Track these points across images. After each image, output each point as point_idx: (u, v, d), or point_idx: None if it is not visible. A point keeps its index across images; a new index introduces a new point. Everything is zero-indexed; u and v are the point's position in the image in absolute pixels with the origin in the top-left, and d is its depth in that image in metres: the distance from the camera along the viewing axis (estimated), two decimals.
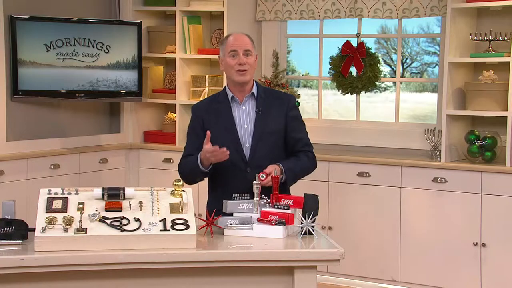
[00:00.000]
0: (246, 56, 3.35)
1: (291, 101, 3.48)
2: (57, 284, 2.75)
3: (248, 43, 3.38)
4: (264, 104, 3.41)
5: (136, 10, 5.75)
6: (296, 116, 3.48)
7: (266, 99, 3.43)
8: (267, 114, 3.40)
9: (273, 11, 5.66)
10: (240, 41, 3.37)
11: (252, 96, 3.42)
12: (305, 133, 3.50)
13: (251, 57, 3.37)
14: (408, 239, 4.93)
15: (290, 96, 3.53)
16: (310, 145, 3.50)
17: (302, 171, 3.44)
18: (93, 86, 5.36)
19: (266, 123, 3.39)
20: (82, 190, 2.91)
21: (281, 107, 3.43)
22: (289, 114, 3.44)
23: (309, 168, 3.48)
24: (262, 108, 3.40)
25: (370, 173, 5.03)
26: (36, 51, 5.10)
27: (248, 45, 3.37)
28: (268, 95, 3.46)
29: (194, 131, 3.46)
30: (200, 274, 2.82)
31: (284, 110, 3.43)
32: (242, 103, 3.42)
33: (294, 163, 3.39)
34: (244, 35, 3.41)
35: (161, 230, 2.78)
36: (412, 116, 5.66)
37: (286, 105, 3.44)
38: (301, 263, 2.83)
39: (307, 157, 3.46)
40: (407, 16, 5.24)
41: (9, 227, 2.80)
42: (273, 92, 3.58)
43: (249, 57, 3.36)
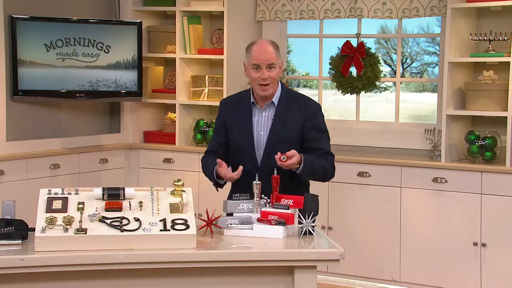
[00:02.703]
0: (269, 70, 3.29)
1: (311, 110, 3.39)
2: (57, 284, 2.75)
3: (271, 56, 3.28)
4: (284, 112, 3.36)
5: (136, 10, 5.75)
6: (315, 125, 3.37)
7: (287, 106, 3.36)
8: (284, 122, 3.34)
9: (273, 11, 5.66)
10: (263, 54, 3.28)
11: (273, 103, 3.38)
12: (325, 143, 3.40)
13: (274, 69, 3.30)
14: (408, 239, 4.93)
15: (311, 105, 3.42)
16: (330, 154, 3.40)
17: (321, 169, 3.33)
18: (93, 86, 5.36)
19: (281, 131, 3.34)
20: (82, 190, 2.91)
21: (300, 116, 3.35)
22: (307, 124, 3.35)
23: (328, 169, 3.36)
24: (281, 116, 3.35)
25: (370, 173, 5.03)
26: (36, 51, 5.10)
27: (272, 58, 3.28)
28: (290, 101, 3.38)
29: (217, 127, 3.51)
30: (200, 274, 2.82)
31: (302, 120, 3.35)
32: (262, 109, 3.39)
33: (315, 159, 3.31)
34: (269, 45, 3.30)
35: (161, 230, 2.78)
36: (412, 116, 5.66)
37: (304, 114, 3.36)
38: (301, 263, 2.83)
39: (327, 160, 3.38)
40: (407, 16, 5.24)
41: (9, 227, 2.80)
42: (296, 99, 3.43)
43: (273, 69, 3.30)
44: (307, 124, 3.36)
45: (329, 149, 3.42)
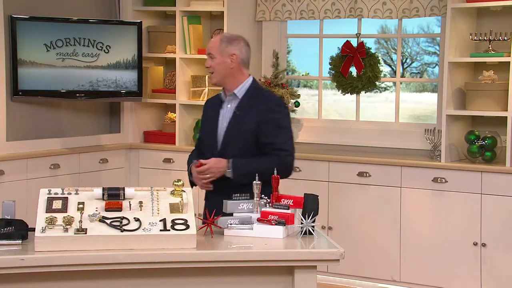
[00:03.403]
0: (211, 59, 3.41)
1: (270, 104, 3.40)
2: (57, 284, 2.75)
3: (212, 46, 3.41)
4: (245, 105, 3.40)
5: (136, 10, 5.75)
6: (271, 119, 3.35)
7: (249, 100, 3.40)
8: (244, 115, 3.38)
9: (273, 11, 5.66)
10: (210, 44, 3.45)
11: (236, 96, 3.43)
12: (279, 138, 3.35)
13: (214, 59, 3.40)
14: (408, 239, 4.93)
15: (271, 99, 3.45)
16: (283, 150, 3.33)
17: (260, 170, 3.14)
18: (93, 86, 5.36)
19: (239, 125, 3.38)
20: (82, 190, 2.91)
21: (258, 109, 3.37)
22: (264, 117, 3.35)
23: (271, 168, 3.17)
24: (243, 109, 3.39)
25: (370, 173, 5.03)
26: (36, 51, 5.10)
27: (211, 48, 3.41)
28: (253, 96, 3.42)
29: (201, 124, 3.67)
30: (200, 274, 2.82)
31: (260, 113, 3.36)
32: (227, 102, 3.46)
33: (249, 161, 3.32)
34: (217, 37, 3.44)
35: (161, 230, 2.78)
36: (412, 116, 5.66)
37: (263, 107, 3.37)
38: (301, 263, 2.83)
39: (270, 159, 3.30)
40: (407, 16, 5.24)
41: (9, 227, 2.79)
42: (260, 93, 3.46)
43: (213, 59, 3.40)
44: (264, 118, 3.36)
45: (285, 145, 3.35)
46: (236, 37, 3.45)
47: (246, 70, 3.46)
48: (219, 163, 3.34)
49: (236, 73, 3.41)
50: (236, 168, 3.32)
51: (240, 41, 3.44)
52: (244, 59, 3.43)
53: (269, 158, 3.32)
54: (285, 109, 3.46)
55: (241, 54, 3.42)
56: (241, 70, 3.42)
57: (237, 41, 3.42)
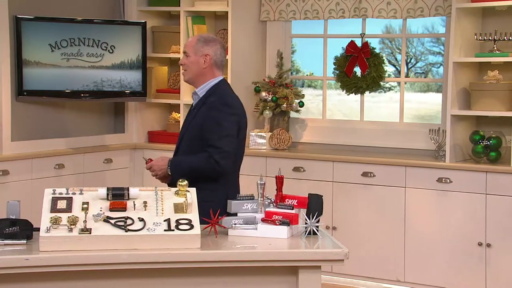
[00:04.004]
0: (185, 57, 3.51)
1: (216, 102, 3.43)
2: (61, 283, 2.75)
3: (188, 45, 3.51)
4: (201, 103, 3.48)
5: (141, 10, 5.76)
6: (212, 116, 3.40)
7: (206, 98, 3.47)
8: (197, 113, 3.48)
9: (277, 11, 5.66)
10: (187, 42, 3.56)
11: (197, 95, 3.52)
12: (214, 135, 3.37)
13: (188, 58, 3.49)
14: (413, 239, 4.92)
15: (219, 97, 3.46)
16: (216, 148, 3.35)
17: (192, 170, 3.37)
18: (97, 86, 5.36)
19: (191, 121, 3.49)
20: (86, 190, 2.91)
21: (206, 106, 3.44)
22: (207, 113, 3.42)
23: (200, 168, 3.34)
24: (198, 107, 3.49)
25: (375, 173, 5.03)
26: (41, 51, 5.11)
27: (187, 47, 3.51)
28: (210, 94, 3.47)
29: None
30: (205, 274, 2.82)
31: (206, 109, 3.43)
32: (194, 100, 3.56)
33: (185, 159, 3.46)
34: (195, 37, 3.53)
35: (166, 230, 2.78)
36: (417, 116, 5.65)
37: (209, 104, 3.44)
38: (305, 263, 2.82)
39: (202, 156, 3.37)
40: (412, 16, 5.24)
41: (14, 227, 2.79)
42: (216, 92, 3.49)
43: (187, 58, 3.49)
44: (207, 114, 3.43)
45: (218, 143, 3.36)
46: (213, 39, 3.54)
47: (218, 71, 3.52)
48: (161, 161, 3.51)
49: (207, 73, 3.49)
50: (173, 166, 3.45)
51: (216, 43, 3.51)
52: (217, 61, 3.50)
53: (201, 155, 3.39)
54: (229, 109, 3.44)
55: (215, 55, 3.48)
56: (212, 71, 3.50)
57: (213, 43, 3.50)
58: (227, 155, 3.37)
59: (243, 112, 3.56)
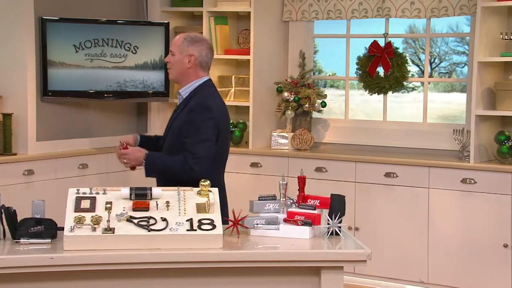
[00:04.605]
0: (171, 55, 3.47)
1: (196, 105, 3.38)
2: (85, 282, 2.77)
3: (175, 44, 3.47)
4: (183, 104, 3.45)
5: (164, 10, 5.79)
6: (189, 120, 3.36)
7: (189, 99, 3.43)
8: (179, 115, 3.44)
9: (300, 11, 5.65)
10: (173, 40, 3.51)
11: (181, 95, 3.49)
12: (191, 139, 3.33)
13: (173, 56, 3.46)
14: (436, 240, 4.89)
15: (200, 100, 3.40)
16: (192, 153, 3.31)
17: (166, 170, 3.38)
18: (120, 86, 5.40)
19: (173, 123, 3.46)
20: (110, 190, 2.92)
21: (187, 108, 3.41)
22: (187, 116, 3.38)
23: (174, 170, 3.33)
24: (181, 107, 3.45)
25: (397, 173, 5.00)
26: (66, 52, 5.16)
27: (173, 45, 3.47)
28: (192, 96, 3.44)
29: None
30: (227, 274, 2.82)
31: (186, 112, 3.40)
32: (178, 100, 3.53)
33: (161, 158, 3.43)
34: (179, 37, 3.48)
35: (188, 230, 2.78)
36: (441, 117, 5.61)
37: (189, 107, 3.40)
38: (327, 263, 2.81)
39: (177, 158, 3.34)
40: (436, 15, 5.20)
41: (39, 226, 2.82)
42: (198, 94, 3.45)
43: (172, 56, 3.46)
44: (187, 117, 3.39)
45: (193, 148, 3.32)
46: (200, 39, 3.49)
47: (203, 72, 3.47)
48: (138, 152, 3.46)
49: (191, 73, 3.45)
50: (148, 160, 3.42)
51: (203, 44, 3.46)
52: (202, 62, 3.46)
53: (178, 158, 3.36)
54: (208, 113, 3.37)
55: (200, 56, 3.44)
56: (196, 72, 3.45)
57: (199, 43, 3.45)
58: (202, 161, 3.33)
59: (225, 114, 3.49)
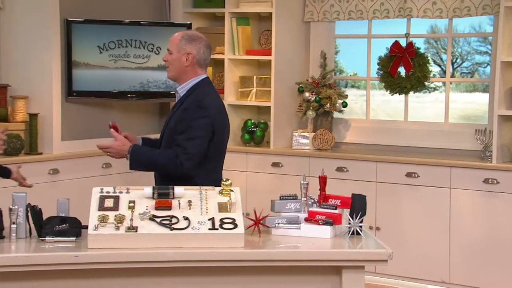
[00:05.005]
0: (168, 54, 3.43)
1: (191, 104, 3.37)
2: (108, 280, 2.80)
3: (172, 42, 3.42)
4: (179, 103, 3.43)
5: (186, 12, 5.82)
6: (184, 118, 3.35)
7: (186, 98, 3.42)
8: (175, 114, 3.42)
9: (321, 11, 5.66)
10: (171, 39, 3.45)
11: (178, 93, 3.47)
12: (184, 135, 3.31)
13: (170, 55, 3.42)
14: (458, 240, 4.87)
15: (196, 99, 3.39)
16: (183, 148, 3.28)
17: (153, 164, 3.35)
18: (143, 87, 5.45)
19: (169, 122, 3.44)
20: (133, 189, 2.95)
21: (183, 106, 3.39)
22: (182, 114, 3.37)
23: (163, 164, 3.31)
24: (177, 106, 3.44)
25: (419, 173, 4.99)
26: (90, 53, 5.23)
27: (170, 44, 3.43)
28: (189, 94, 3.42)
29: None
30: (248, 273, 2.84)
31: (182, 110, 3.38)
32: (176, 98, 3.50)
33: (148, 152, 3.37)
34: (177, 35, 3.44)
35: (210, 229, 2.81)
36: (462, 117, 5.59)
37: (185, 105, 3.38)
38: (349, 263, 2.83)
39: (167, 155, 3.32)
40: (458, 15, 5.17)
41: (63, 225, 2.86)
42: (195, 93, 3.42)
43: (170, 55, 3.42)
44: (181, 115, 3.37)
45: (184, 143, 3.29)
46: (198, 37, 3.46)
47: (201, 70, 3.45)
48: (122, 146, 3.38)
49: (189, 71, 3.43)
50: (133, 154, 3.35)
51: (200, 42, 3.44)
52: (200, 60, 3.44)
53: (167, 152, 3.35)
54: (202, 112, 3.35)
55: (198, 54, 3.42)
56: (194, 70, 3.43)
57: (197, 41, 3.43)
58: (192, 157, 3.29)
59: (221, 113, 3.49)
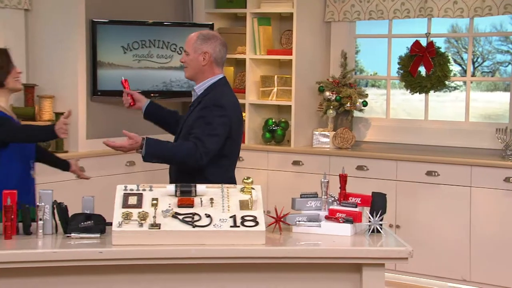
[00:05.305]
0: (185, 54, 3.46)
1: (209, 102, 3.38)
2: (132, 276, 2.84)
3: (188, 42, 3.45)
4: (197, 101, 3.45)
5: (208, 12, 5.87)
6: (202, 116, 3.36)
7: (203, 97, 3.44)
8: (192, 113, 3.44)
9: (342, 11, 5.67)
10: (186, 40, 3.48)
11: (196, 92, 3.49)
12: (199, 129, 3.33)
13: (187, 56, 3.45)
14: (479, 239, 4.87)
15: (214, 98, 3.41)
16: (201, 141, 3.29)
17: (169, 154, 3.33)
18: (166, 86, 5.52)
19: (187, 119, 3.45)
20: (156, 186, 2.99)
21: (201, 106, 3.41)
22: (200, 113, 3.38)
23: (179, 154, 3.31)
24: (195, 105, 3.45)
25: (439, 172, 4.99)
26: (114, 53, 5.30)
27: (187, 45, 3.45)
28: (207, 93, 3.44)
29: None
30: (269, 270, 2.87)
31: (200, 109, 3.40)
32: (193, 97, 3.52)
33: (163, 143, 3.35)
34: (192, 35, 3.46)
35: (231, 226, 2.83)
36: (483, 116, 5.58)
37: (203, 104, 3.40)
38: (369, 260, 2.84)
39: (183, 143, 3.35)
40: (479, 14, 5.16)
41: (88, 221, 2.90)
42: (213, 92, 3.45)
43: (187, 56, 3.45)
44: (199, 113, 3.39)
45: (204, 138, 3.30)
46: (213, 36, 3.48)
47: (218, 68, 3.48)
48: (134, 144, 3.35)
49: (207, 70, 3.45)
50: (148, 148, 3.31)
51: (216, 41, 3.46)
52: (217, 58, 3.46)
53: (184, 143, 3.36)
54: (220, 111, 3.37)
55: (215, 53, 3.45)
56: (212, 68, 3.46)
57: (213, 40, 3.45)
58: (210, 152, 3.31)
59: (238, 112, 3.49)
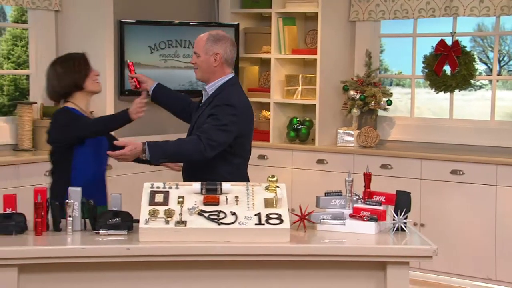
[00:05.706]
0: (196, 56, 3.48)
1: (220, 101, 3.40)
2: (158, 272, 2.87)
3: (197, 45, 3.47)
4: (208, 101, 3.46)
5: (234, 12, 5.91)
6: (214, 113, 3.38)
7: (213, 97, 3.45)
8: (203, 112, 3.45)
9: (366, 11, 5.67)
10: (196, 41, 3.51)
11: (207, 92, 3.51)
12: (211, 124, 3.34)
13: (198, 57, 3.47)
14: (504, 238, 4.84)
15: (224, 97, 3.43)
16: (207, 134, 3.31)
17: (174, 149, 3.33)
18: (192, 85, 5.57)
19: (198, 119, 3.47)
20: (182, 184, 3.02)
21: (212, 105, 3.43)
22: (211, 111, 3.40)
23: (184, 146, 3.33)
24: (206, 104, 3.46)
25: (464, 171, 4.98)
26: (141, 53, 5.37)
27: (196, 47, 3.47)
28: (218, 93, 3.46)
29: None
30: (294, 267, 2.88)
31: (211, 108, 3.42)
32: (203, 97, 3.53)
33: (164, 142, 3.36)
34: (202, 37, 3.48)
35: (256, 224, 2.85)
36: (509, 114, 5.54)
37: (213, 103, 3.42)
38: (393, 258, 2.84)
39: (189, 138, 3.39)
40: (506, 13, 5.13)
41: (116, 218, 2.95)
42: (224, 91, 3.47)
43: (198, 57, 3.47)
44: (210, 112, 3.40)
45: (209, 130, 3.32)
46: (223, 36, 3.50)
47: (228, 69, 3.50)
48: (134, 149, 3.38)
49: (218, 71, 3.47)
50: (152, 150, 3.33)
51: (226, 41, 3.49)
52: (228, 58, 3.48)
53: (189, 137, 3.40)
54: (230, 109, 3.40)
55: (225, 53, 3.47)
56: (223, 69, 3.48)
57: (223, 41, 3.48)
58: (217, 146, 3.33)
59: (248, 111, 3.53)
